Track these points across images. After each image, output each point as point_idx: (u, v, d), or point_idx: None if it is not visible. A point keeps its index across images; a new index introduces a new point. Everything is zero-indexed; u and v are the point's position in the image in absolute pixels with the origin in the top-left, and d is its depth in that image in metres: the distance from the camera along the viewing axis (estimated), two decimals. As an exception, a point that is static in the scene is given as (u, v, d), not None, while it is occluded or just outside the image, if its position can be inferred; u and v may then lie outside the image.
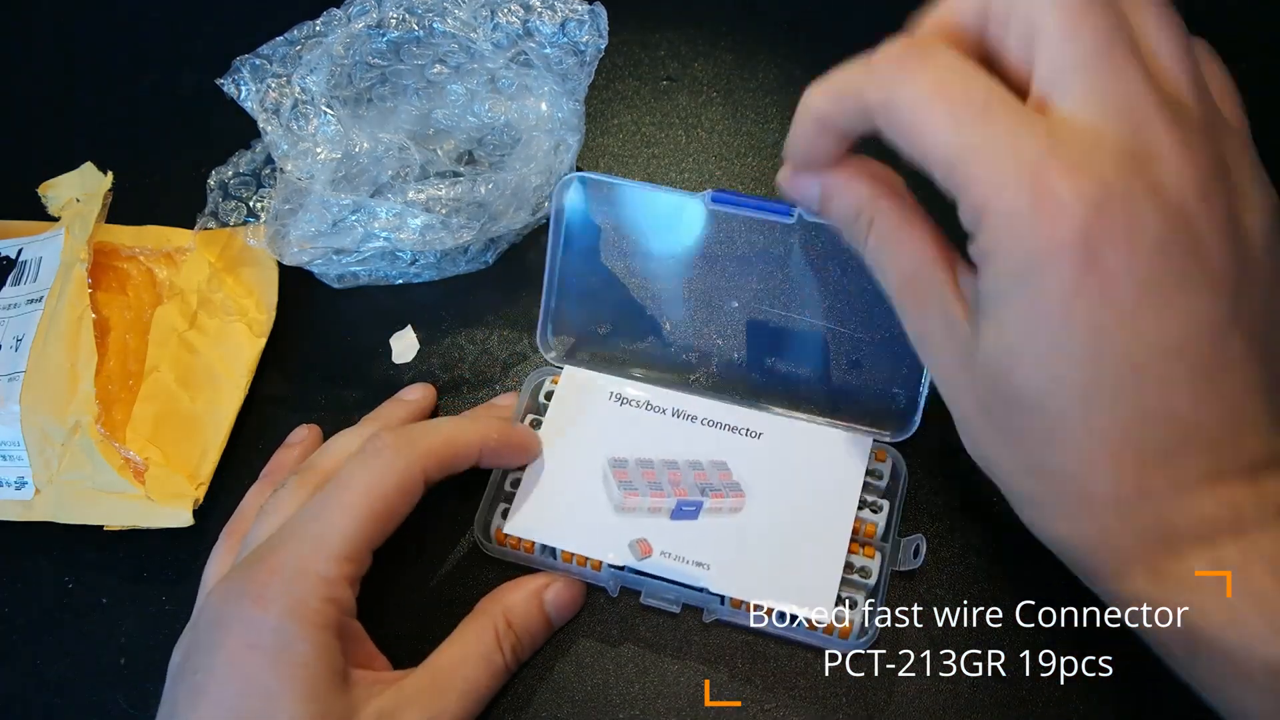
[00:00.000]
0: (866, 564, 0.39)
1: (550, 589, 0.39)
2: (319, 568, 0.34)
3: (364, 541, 0.35)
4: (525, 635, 0.38)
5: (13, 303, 0.46)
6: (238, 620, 0.33)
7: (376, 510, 0.35)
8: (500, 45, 0.46)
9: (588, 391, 0.43)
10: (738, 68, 0.55)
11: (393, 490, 0.35)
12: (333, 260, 0.46)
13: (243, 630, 0.33)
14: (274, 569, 0.34)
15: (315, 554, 0.34)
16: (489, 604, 0.39)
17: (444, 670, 0.36)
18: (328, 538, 0.34)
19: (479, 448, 0.39)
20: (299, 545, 0.34)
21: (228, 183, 0.50)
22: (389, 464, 0.36)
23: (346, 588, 0.34)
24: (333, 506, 0.35)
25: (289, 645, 0.32)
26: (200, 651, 0.34)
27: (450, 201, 0.43)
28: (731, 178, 0.51)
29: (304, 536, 0.34)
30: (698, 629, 0.39)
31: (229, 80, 0.44)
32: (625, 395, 0.42)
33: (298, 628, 0.32)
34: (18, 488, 0.43)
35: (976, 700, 0.38)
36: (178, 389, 0.45)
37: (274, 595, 0.33)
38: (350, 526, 0.34)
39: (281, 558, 0.34)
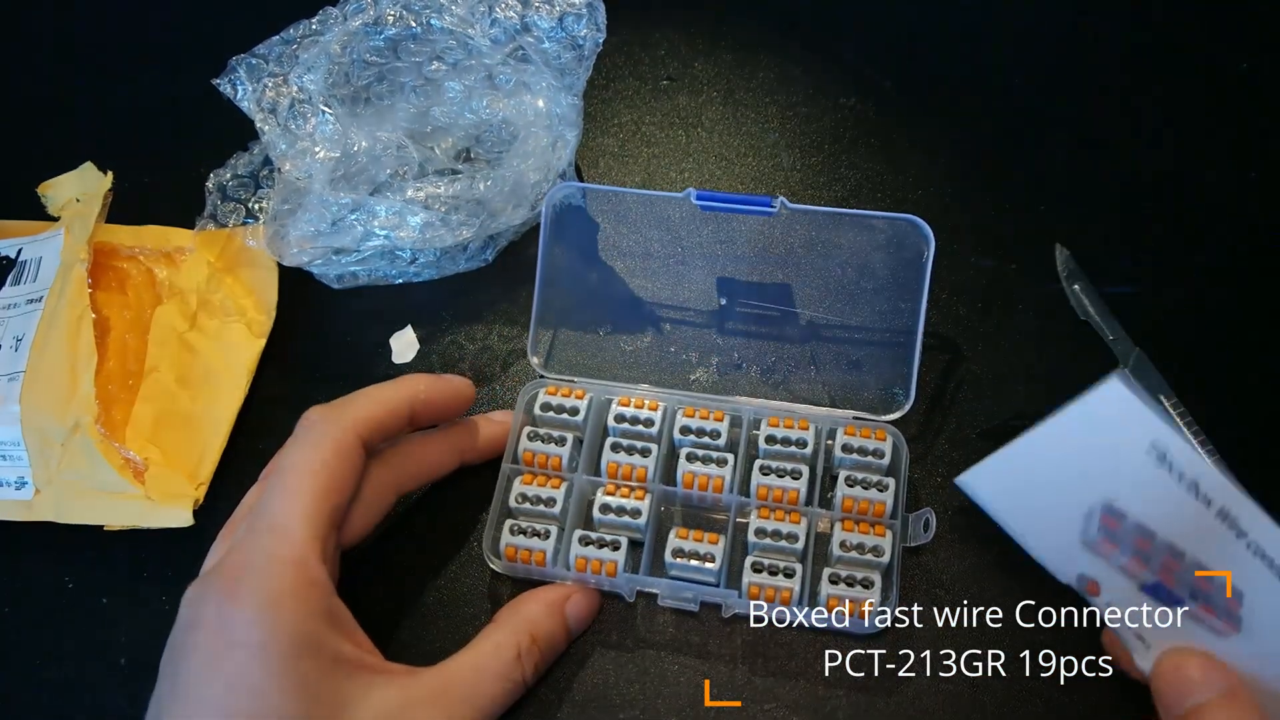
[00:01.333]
0: (879, 543, 0.39)
1: (571, 601, 0.39)
2: (286, 553, 0.33)
3: (320, 516, 0.34)
4: (548, 651, 0.38)
5: (13, 303, 0.46)
6: (212, 619, 0.32)
7: (321, 485, 0.35)
8: (498, 41, 0.45)
9: (1126, 424, 0.32)
10: (738, 68, 0.55)
11: (331, 460, 0.35)
12: (332, 260, 0.46)
13: (219, 628, 0.32)
14: (241, 564, 0.33)
15: (278, 541, 0.33)
16: (511, 617, 0.38)
17: (459, 678, 0.35)
18: (285, 524, 0.34)
19: (409, 403, 0.38)
20: (259, 537, 0.34)
21: (226, 185, 0.50)
22: (321, 436, 0.36)
23: (320, 566, 0.34)
24: (279, 492, 0.35)
25: (271, 637, 0.31)
26: (180, 656, 0.33)
27: (449, 199, 0.43)
28: (731, 178, 0.51)
29: (262, 528, 0.34)
30: (698, 629, 0.39)
31: (225, 80, 0.44)
32: (1169, 455, 0.32)
33: (277, 617, 0.32)
34: (18, 488, 0.43)
35: (976, 700, 0.37)
36: (178, 389, 0.45)
37: (248, 589, 0.32)
38: (300, 508, 0.34)
39: (245, 552, 0.33)
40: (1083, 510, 0.34)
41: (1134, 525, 0.33)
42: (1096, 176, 0.50)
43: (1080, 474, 0.34)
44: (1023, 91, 0.53)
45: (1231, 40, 0.54)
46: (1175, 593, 0.33)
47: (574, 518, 0.41)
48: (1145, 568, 0.33)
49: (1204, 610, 0.33)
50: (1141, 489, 0.33)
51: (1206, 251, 0.48)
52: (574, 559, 0.39)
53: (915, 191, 0.50)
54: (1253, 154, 0.50)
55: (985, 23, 0.56)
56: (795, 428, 0.41)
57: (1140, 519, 0.33)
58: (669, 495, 0.41)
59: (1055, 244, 0.47)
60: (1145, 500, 0.33)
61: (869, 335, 0.44)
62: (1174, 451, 0.32)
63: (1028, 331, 0.46)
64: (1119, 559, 0.34)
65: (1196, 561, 0.33)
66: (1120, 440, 0.33)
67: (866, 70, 0.54)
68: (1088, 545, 0.34)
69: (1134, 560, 0.33)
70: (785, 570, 0.38)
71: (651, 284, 0.46)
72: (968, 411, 0.44)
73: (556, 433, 0.42)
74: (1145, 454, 0.32)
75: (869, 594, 0.38)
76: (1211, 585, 0.33)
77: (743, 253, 0.44)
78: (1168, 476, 0.32)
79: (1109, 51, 0.54)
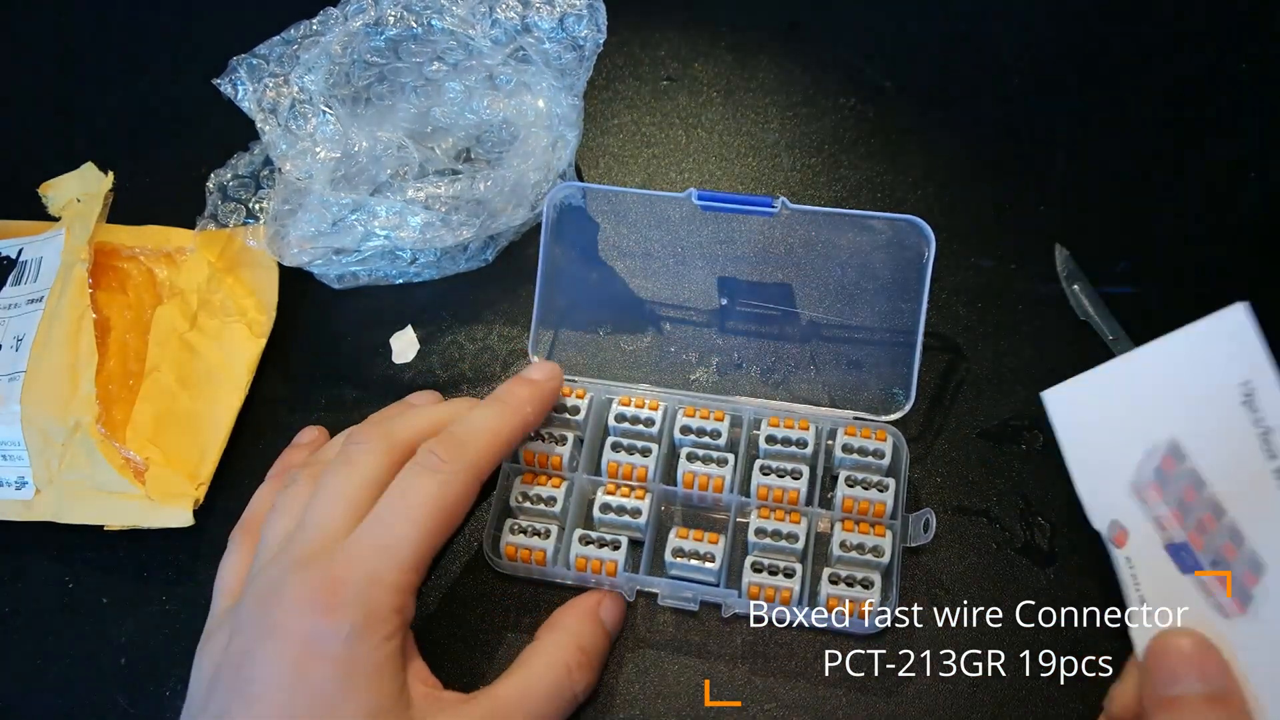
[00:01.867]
0: (879, 543, 0.39)
1: (604, 606, 0.39)
2: (391, 578, 0.33)
3: (429, 551, 0.34)
4: (596, 661, 0.38)
5: (13, 303, 0.46)
6: (305, 628, 0.32)
7: (441, 521, 0.35)
8: (499, 41, 0.45)
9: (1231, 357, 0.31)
10: (738, 68, 0.55)
11: (455, 501, 0.35)
12: (333, 260, 0.46)
13: (311, 639, 0.31)
14: (342, 578, 0.32)
15: (386, 564, 0.33)
16: (554, 633, 0.38)
17: (509, 702, 0.35)
18: (397, 548, 0.33)
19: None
20: (366, 556, 0.33)
21: (227, 185, 0.50)
22: (452, 475, 0.35)
23: (412, 599, 0.34)
24: (401, 516, 0.34)
25: (361, 657, 0.31)
26: (257, 660, 0.32)
27: (449, 199, 0.43)
28: (731, 178, 0.51)
29: (370, 546, 0.34)
30: (698, 629, 0.39)
31: (225, 80, 0.44)
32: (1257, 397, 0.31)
33: (370, 639, 0.32)
34: (18, 488, 0.43)
35: (976, 700, 0.37)
36: (178, 389, 0.45)
37: (346, 604, 0.32)
38: (417, 537, 0.34)
39: (349, 567, 0.33)
40: (1146, 447, 0.33)
41: (1189, 471, 0.32)
42: (1096, 176, 0.50)
43: (1162, 406, 0.33)
44: (1023, 91, 0.53)
45: (1231, 40, 0.54)
46: (1199, 556, 0.32)
47: (574, 517, 0.41)
48: (1180, 522, 0.33)
49: (1217, 582, 0.32)
50: (1214, 429, 0.32)
51: (1206, 251, 0.48)
52: (574, 558, 0.39)
53: (915, 192, 0.50)
54: (1253, 154, 0.50)
55: (985, 23, 0.56)
56: (795, 428, 0.41)
57: (1199, 465, 0.32)
58: (669, 495, 0.41)
59: (1055, 244, 0.47)
60: (1213, 443, 0.32)
61: (869, 335, 0.44)
62: (1264, 394, 0.31)
63: (1028, 331, 0.46)
64: (1160, 507, 0.33)
65: (1233, 526, 0.32)
66: (1216, 374, 0.32)
67: (866, 70, 0.54)
68: (1135, 488, 0.34)
69: (1173, 512, 0.33)
70: (785, 570, 0.38)
71: (652, 284, 0.46)
72: (968, 411, 0.44)
73: (557, 432, 0.42)
74: (1235, 390, 0.31)
75: (869, 594, 0.38)
76: (1236, 555, 0.31)
77: (743, 253, 0.45)
78: (1247, 420, 0.31)
79: (1109, 51, 0.54)
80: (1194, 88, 0.53)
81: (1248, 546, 0.31)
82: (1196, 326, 0.32)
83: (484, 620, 0.40)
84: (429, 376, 0.47)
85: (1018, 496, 0.42)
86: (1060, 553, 0.40)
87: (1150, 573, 0.34)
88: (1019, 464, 0.42)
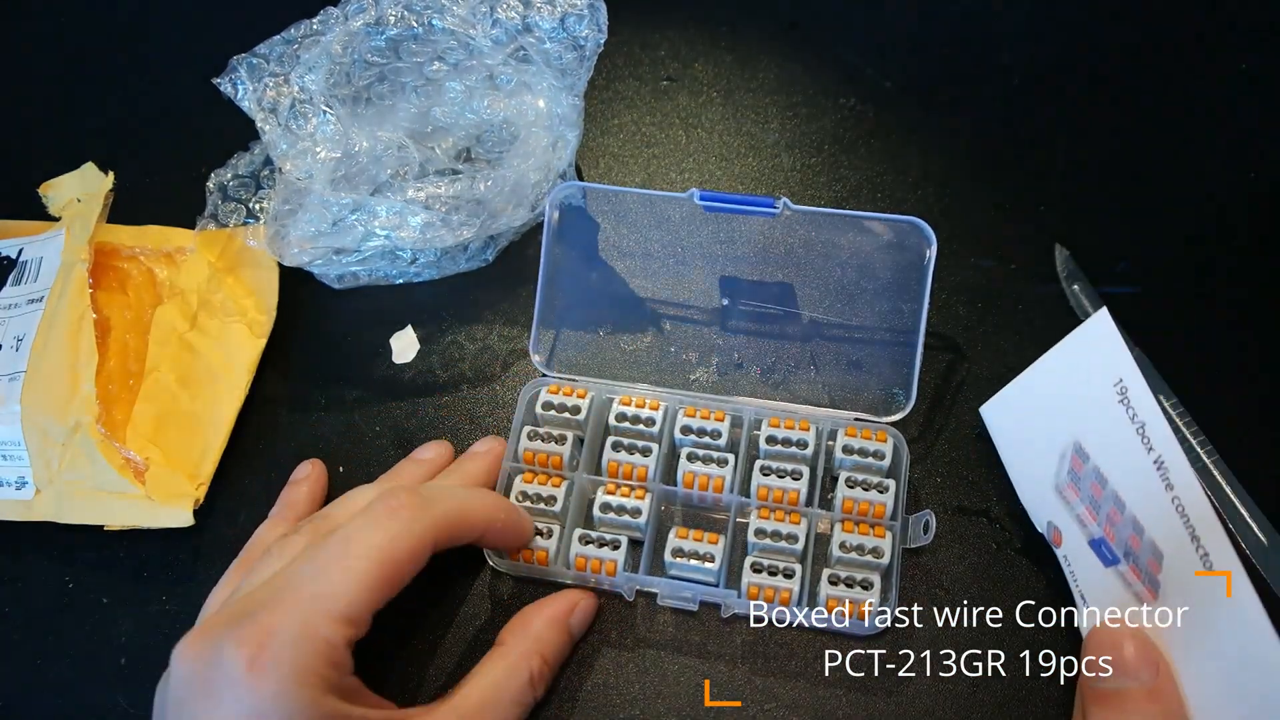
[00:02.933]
0: (878, 544, 0.39)
1: (575, 615, 0.38)
2: (323, 631, 0.31)
3: (368, 605, 0.32)
4: (557, 666, 0.38)
5: (13, 303, 0.46)
6: (230, 687, 0.30)
7: (386, 574, 0.33)
8: (499, 41, 0.45)
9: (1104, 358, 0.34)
10: (738, 68, 0.55)
11: (404, 555, 0.33)
12: (333, 260, 0.46)
13: (237, 699, 0.30)
14: (270, 629, 0.31)
15: (318, 616, 0.31)
16: (518, 640, 0.37)
17: (471, 710, 0.34)
18: (332, 599, 0.31)
19: (486, 526, 0.37)
20: (299, 605, 0.31)
21: (227, 185, 0.50)
22: (404, 528, 0.33)
23: (347, 652, 0.32)
24: (338, 565, 0.32)
25: (294, 713, 0.30)
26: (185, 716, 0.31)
27: (450, 199, 0.43)
28: (732, 178, 0.51)
29: (305, 595, 0.32)
30: (698, 629, 0.39)
31: (225, 79, 0.44)
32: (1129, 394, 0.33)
33: (300, 695, 0.30)
34: (18, 488, 0.43)
35: (976, 700, 0.37)
36: (178, 389, 0.45)
37: (272, 659, 0.30)
38: (355, 589, 0.32)
39: (279, 617, 0.31)
40: (1059, 450, 0.36)
41: (1093, 470, 0.35)
42: (1096, 176, 0.50)
43: (1062, 410, 0.35)
44: (1023, 92, 0.53)
45: (1231, 40, 0.54)
46: (1114, 550, 0.34)
47: (574, 517, 0.41)
48: (1095, 518, 0.35)
49: (1131, 572, 0.34)
50: (1103, 428, 0.34)
51: (1206, 251, 0.48)
52: (574, 558, 0.39)
53: (916, 192, 0.50)
54: (1253, 154, 0.50)
55: (985, 23, 0.56)
56: (796, 428, 0.41)
57: (1099, 462, 0.34)
58: (669, 495, 0.41)
59: (1055, 244, 0.47)
60: (1104, 441, 0.34)
61: (870, 336, 0.44)
62: (1134, 390, 0.33)
63: (1028, 331, 0.46)
64: (1078, 506, 0.35)
65: (1134, 518, 0.33)
66: (1096, 376, 0.34)
67: (866, 70, 0.54)
68: (1058, 489, 0.36)
69: (1088, 509, 0.35)
70: (785, 571, 0.38)
71: (652, 284, 0.46)
72: (968, 412, 0.44)
73: (557, 431, 0.42)
74: (1112, 389, 0.34)
75: (869, 595, 0.38)
76: (1140, 545, 0.33)
77: (743, 253, 0.45)
78: (1125, 415, 0.33)
79: (1109, 52, 0.54)
80: (1194, 88, 0.53)
81: (1147, 536, 0.33)
82: (1074, 334, 0.35)
83: (484, 620, 0.40)
84: (429, 376, 0.47)
85: (1018, 497, 0.42)
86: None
87: (1082, 569, 0.36)
88: (1019, 464, 0.42)
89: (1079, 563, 0.36)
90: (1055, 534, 0.37)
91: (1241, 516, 0.38)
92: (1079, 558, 0.36)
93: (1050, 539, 0.37)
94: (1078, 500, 0.35)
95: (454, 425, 0.45)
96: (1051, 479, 0.36)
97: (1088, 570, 0.36)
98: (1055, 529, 0.37)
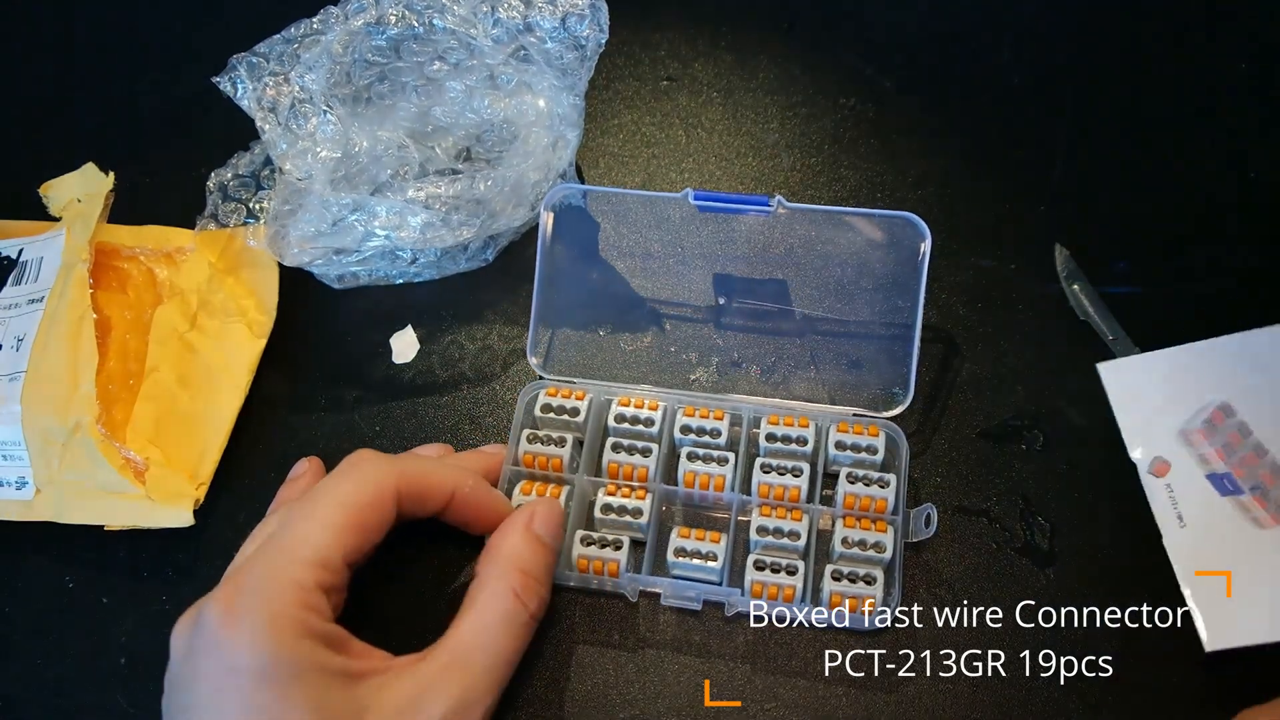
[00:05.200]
0: (880, 539, 0.39)
1: (536, 519, 0.37)
2: (291, 573, 0.31)
3: (336, 549, 0.33)
4: (542, 577, 0.36)
5: (14, 303, 0.46)
6: (208, 647, 0.31)
7: (350, 518, 0.33)
8: (500, 41, 0.45)
9: None
10: (738, 68, 0.55)
11: (366, 502, 0.34)
12: (333, 260, 0.46)
13: (217, 657, 0.30)
14: (239, 585, 0.31)
15: (286, 563, 0.32)
16: (493, 564, 0.36)
17: (464, 645, 0.33)
18: (297, 546, 0.32)
19: (452, 489, 0.37)
20: (268, 557, 0.32)
21: (227, 185, 0.50)
22: (363, 476, 0.35)
23: (322, 596, 0.32)
24: (302, 517, 0.33)
25: (272, 661, 0.30)
26: (180, 690, 0.31)
27: (450, 199, 0.43)
28: (731, 178, 0.51)
29: (273, 549, 0.33)
30: (698, 629, 0.39)
31: (225, 78, 0.44)
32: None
33: (274, 639, 0.30)
34: (18, 487, 0.43)
35: (976, 700, 0.37)
36: (178, 389, 0.45)
37: (243, 612, 0.31)
38: (320, 533, 0.33)
39: (246, 573, 0.32)
40: (1198, 405, 0.42)
41: (1237, 424, 0.41)
42: (1096, 176, 0.50)
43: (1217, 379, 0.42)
44: (1022, 91, 0.53)
45: (1231, 40, 0.54)
46: (1239, 483, 0.40)
47: (575, 518, 0.41)
48: (1224, 458, 0.41)
49: (1256, 501, 0.40)
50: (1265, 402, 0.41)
51: (1206, 252, 0.48)
52: (576, 559, 0.39)
53: (915, 192, 0.50)
54: (1253, 154, 0.50)
55: (985, 22, 0.56)
56: (796, 425, 0.41)
57: (1245, 418, 0.41)
58: (670, 495, 0.41)
59: (1055, 244, 0.47)
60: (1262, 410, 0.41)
61: (868, 333, 0.44)
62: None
63: (1028, 331, 0.46)
64: (1204, 447, 0.41)
65: (1274, 462, 0.40)
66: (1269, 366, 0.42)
67: (866, 70, 0.54)
68: (1183, 433, 0.41)
69: (1217, 450, 0.41)
70: (788, 568, 0.38)
71: (651, 284, 0.46)
72: (967, 410, 0.44)
73: (557, 434, 0.42)
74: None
75: (871, 590, 0.38)
76: (1276, 482, 0.40)
77: (742, 252, 0.45)
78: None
79: (1109, 51, 0.54)
80: (1194, 88, 0.53)
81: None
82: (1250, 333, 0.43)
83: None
84: (429, 376, 0.47)
85: (1018, 496, 0.42)
86: (1060, 553, 0.40)
87: (1190, 497, 0.40)
88: (1019, 464, 0.42)
89: (1187, 490, 0.41)
90: (1160, 466, 0.41)
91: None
92: (1188, 486, 0.41)
93: (1149, 469, 0.41)
94: (1205, 443, 0.41)
95: (454, 425, 0.45)
96: (1177, 425, 0.42)
97: (1196, 495, 0.40)
98: (1161, 462, 0.41)
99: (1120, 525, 0.41)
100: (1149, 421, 0.42)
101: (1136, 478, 0.41)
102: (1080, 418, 0.43)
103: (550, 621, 0.40)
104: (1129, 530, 0.41)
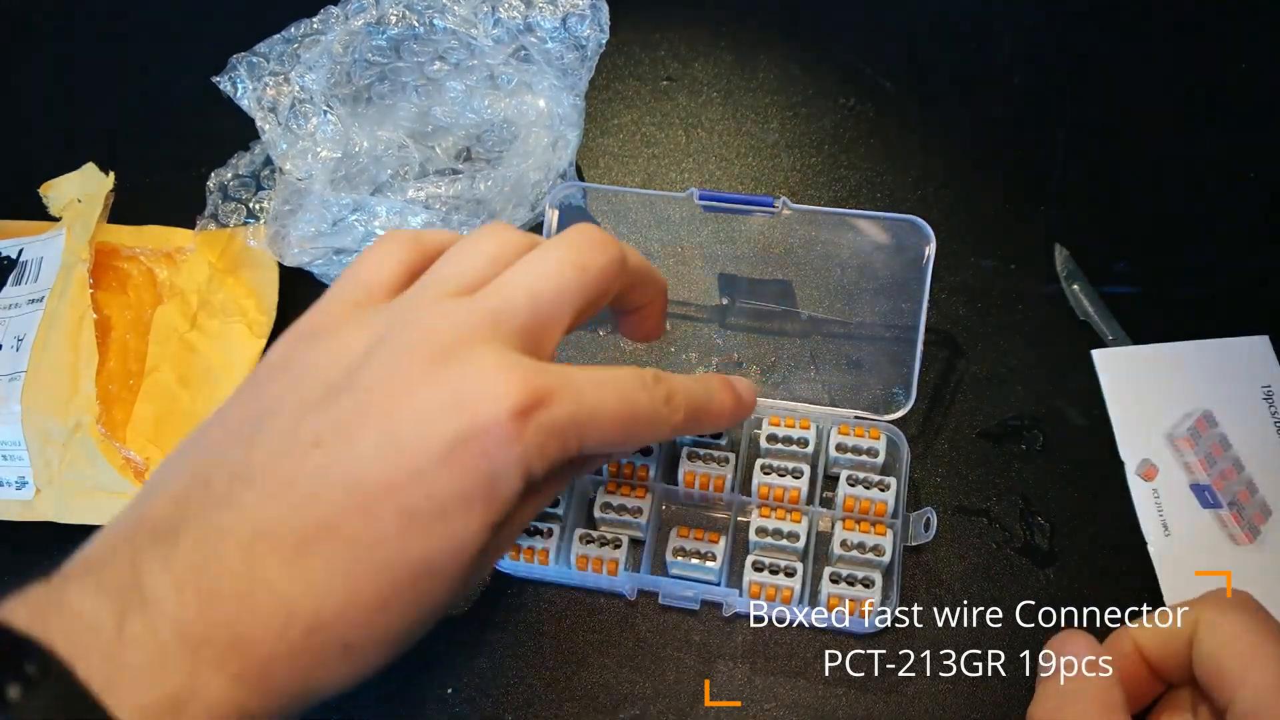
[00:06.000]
0: (879, 542, 0.39)
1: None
2: (549, 302, 0.29)
3: (576, 309, 0.30)
4: (686, 396, 0.32)
5: (14, 303, 0.46)
6: (422, 328, 0.28)
7: (580, 298, 0.30)
8: (500, 41, 0.45)
9: (1255, 364, 0.44)
10: (738, 68, 0.55)
11: (593, 292, 0.31)
12: (333, 260, 0.46)
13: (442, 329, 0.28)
14: (497, 307, 0.29)
15: (543, 290, 0.30)
16: None
17: (595, 374, 0.29)
18: (553, 291, 0.30)
19: (664, 285, 0.35)
20: (513, 274, 0.30)
21: (227, 185, 0.50)
22: (599, 271, 0.31)
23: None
24: (551, 268, 0.30)
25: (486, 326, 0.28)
26: (389, 354, 0.28)
27: (450, 199, 0.43)
28: (731, 178, 0.51)
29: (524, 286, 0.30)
30: (698, 629, 0.39)
31: (225, 78, 0.44)
32: (1274, 398, 0.43)
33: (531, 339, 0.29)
34: (18, 488, 0.43)
35: (976, 700, 0.38)
36: (178, 389, 0.45)
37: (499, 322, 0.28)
38: (566, 292, 0.30)
39: (500, 295, 0.29)
40: (1185, 409, 0.42)
41: (1219, 434, 0.42)
42: (1096, 176, 0.50)
43: (1200, 384, 0.43)
44: (1023, 91, 0.53)
45: (1231, 40, 0.54)
46: (1219, 496, 0.41)
47: (575, 516, 0.41)
48: (1206, 470, 0.41)
49: (1232, 518, 0.40)
50: (1242, 411, 0.42)
51: (1206, 251, 0.48)
52: (575, 557, 0.39)
53: (915, 191, 0.50)
54: (1253, 154, 0.50)
55: (985, 22, 0.56)
56: (796, 427, 0.41)
57: (1227, 431, 0.42)
58: (670, 494, 0.41)
59: (1055, 244, 0.47)
60: (1239, 420, 0.42)
61: (870, 335, 0.44)
62: None
63: (1028, 331, 0.46)
64: (1189, 455, 0.42)
65: (1250, 480, 0.41)
66: (1244, 373, 0.43)
67: (866, 70, 0.54)
68: (1170, 438, 0.42)
69: (1200, 461, 0.41)
70: (786, 569, 0.38)
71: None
72: (967, 411, 0.44)
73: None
74: (1259, 389, 0.43)
75: (870, 593, 0.38)
76: (1250, 500, 0.41)
77: (743, 252, 0.45)
78: (1267, 410, 0.42)
79: (1109, 51, 0.54)
80: (1194, 88, 0.53)
81: (1260, 495, 0.41)
82: (1228, 341, 0.44)
83: (484, 619, 0.40)
84: (429, 376, 0.47)
85: (1018, 496, 0.42)
86: (1060, 553, 0.40)
87: (1174, 505, 0.41)
88: (1019, 464, 0.42)
89: (1172, 498, 0.41)
90: (1149, 470, 0.42)
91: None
92: (1173, 494, 0.41)
93: (1139, 472, 0.42)
94: (1190, 451, 0.42)
95: (454, 425, 0.45)
96: (1165, 428, 0.42)
97: (1180, 505, 0.41)
98: (1150, 466, 0.42)
99: (1120, 525, 0.41)
100: (1138, 418, 0.43)
101: (1136, 478, 0.41)
102: (1080, 418, 0.43)
103: (549, 621, 0.40)
104: (1129, 530, 0.41)
